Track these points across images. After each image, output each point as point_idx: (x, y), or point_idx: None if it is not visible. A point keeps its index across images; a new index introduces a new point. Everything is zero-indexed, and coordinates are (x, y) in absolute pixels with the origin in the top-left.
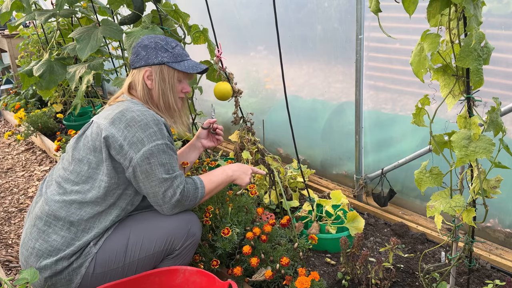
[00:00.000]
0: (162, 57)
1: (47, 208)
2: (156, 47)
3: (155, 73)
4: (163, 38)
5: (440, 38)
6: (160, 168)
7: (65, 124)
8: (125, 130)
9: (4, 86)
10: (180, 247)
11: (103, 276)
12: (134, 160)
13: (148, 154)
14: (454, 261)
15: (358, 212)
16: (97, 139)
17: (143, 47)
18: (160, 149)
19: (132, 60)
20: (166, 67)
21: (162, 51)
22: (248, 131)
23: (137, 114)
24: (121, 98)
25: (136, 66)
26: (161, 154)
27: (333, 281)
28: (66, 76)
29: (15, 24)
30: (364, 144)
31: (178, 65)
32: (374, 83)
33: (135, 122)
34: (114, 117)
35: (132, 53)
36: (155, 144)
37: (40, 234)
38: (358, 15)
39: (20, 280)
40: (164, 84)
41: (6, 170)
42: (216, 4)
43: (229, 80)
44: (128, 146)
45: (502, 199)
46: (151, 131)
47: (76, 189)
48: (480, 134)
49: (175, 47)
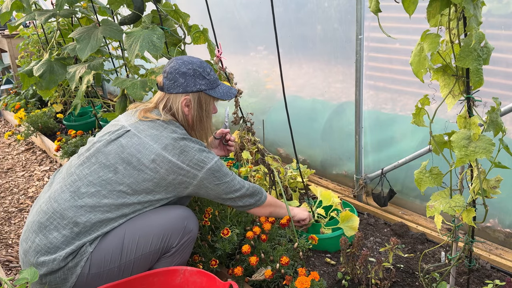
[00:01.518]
0: (200, 85)
1: (55, 205)
2: (195, 74)
3: (193, 101)
4: (199, 64)
5: (440, 38)
6: (224, 176)
7: (65, 124)
8: (181, 155)
9: (4, 86)
10: (177, 244)
11: (99, 276)
12: (200, 176)
13: (213, 170)
14: (454, 261)
15: (358, 212)
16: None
17: (181, 74)
18: (219, 164)
19: (168, 85)
20: (203, 95)
21: (200, 79)
22: (248, 131)
23: (189, 142)
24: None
25: (173, 92)
26: (221, 168)
27: (333, 281)
28: (66, 76)
29: (15, 24)
30: (364, 144)
31: (214, 92)
32: (374, 83)
33: (189, 148)
34: (167, 143)
35: (168, 78)
36: (214, 162)
37: (42, 229)
38: (358, 15)
39: (20, 280)
40: (201, 111)
41: (6, 170)
42: (216, 4)
43: (229, 80)
44: (189, 167)
45: (502, 199)
46: (205, 153)
47: (91, 191)
48: (480, 134)
49: (210, 73)
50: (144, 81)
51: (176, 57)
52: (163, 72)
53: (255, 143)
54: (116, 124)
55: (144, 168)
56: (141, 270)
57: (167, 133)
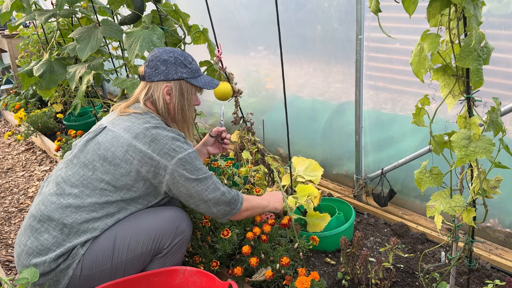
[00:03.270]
0: (181, 73)
1: (42, 208)
2: (176, 62)
3: (174, 88)
4: (181, 53)
5: (440, 38)
6: (197, 171)
7: (65, 124)
8: (152, 144)
9: (4, 86)
10: (168, 245)
11: (91, 277)
12: (170, 167)
13: (183, 161)
14: (454, 261)
15: (358, 212)
16: (115, 151)
17: (162, 61)
18: (192, 156)
19: (149, 73)
20: (185, 83)
21: (181, 67)
22: (248, 131)
23: (162, 130)
24: (136, 109)
25: (154, 80)
26: (194, 161)
27: (333, 281)
28: (66, 76)
29: (15, 24)
30: (364, 144)
31: (196, 81)
32: (374, 83)
33: (161, 137)
34: (138, 132)
35: (149, 66)
36: (187, 153)
37: (33, 232)
38: (358, 15)
39: (20, 280)
40: (183, 99)
41: (6, 170)
42: (216, 4)
43: (229, 80)
44: (160, 156)
45: (502, 199)
46: (179, 143)
47: (75, 192)
48: (480, 134)
49: (191, 62)
50: None
51: (158, 47)
52: (144, 62)
53: (255, 143)
54: (98, 123)
55: (119, 161)
56: (134, 271)
57: (140, 123)
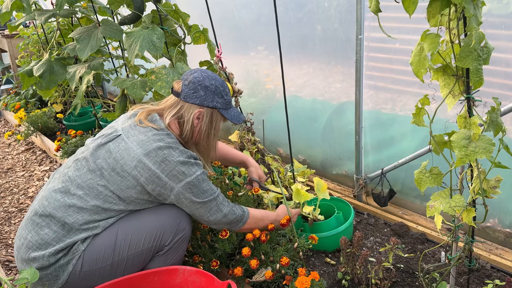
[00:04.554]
0: (217, 102)
1: (46, 204)
2: (216, 91)
3: (206, 115)
4: (221, 82)
5: (440, 38)
6: (203, 194)
7: (65, 124)
8: (162, 164)
9: (4, 86)
10: (169, 242)
11: (91, 274)
12: (176, 189)
13: (191, 185)
14: (454, 261)
15: (358, 212)
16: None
17: (203, 87)
18: (200, 179)
19: (187, 93)
20: (217, 112)
21: (219, 97)
22: (248, 131)
23: (174, 151)
24: (156, 125)
25: (189, 101)
26: (201, 184)
27: (333, 281)
28: (66, 76)
29: (15, 24)
30: (364, 144)
31: (226, 113)
32: (374, 83)
33: (172, 158)
34: (150, 150)
35: (188, 87)
36: (196, 176)
37: (34, 226)
38: (358, 15)
39: (20, 280)
40: (210, 127)
41: (6, 170)
42: (216, 4)
43: (229, 80)
44: (168, 178)
45: (502, 199)
46: (189, 166)
47: (80, 193)
48: (480, 134)
49: (227, 94)
50: (144, 81)
51: (201, 69)
52: (183, 79)
53: (255, 143)
54: (112, 126)
55: (126, 175)
56: (135, 269)
57: (155, 139)
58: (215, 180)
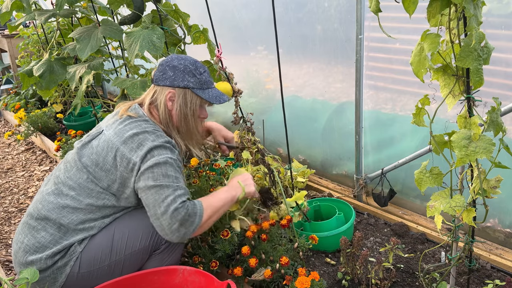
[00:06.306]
0: (188, 82)
1: (40, 207)
2: (185, 70)
3: (177, 96)
4: (193, 62)
5: (440, 38)
6: (164, 178)
7: (65, 124)
8: (137, 150)
9: (4, 86)
10: (166, 241)
11: (89, 275)
12: (142, 169)
13: (155, 165)
14: (454, 261)
15: (358, 212)
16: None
17: (171, 67)
18: (168, 162)
19: (157, 76)
20: (190, 92)
21: (190, 76)
22: (248, 131)
23: (150, 135)
24: (134, 113)
25: (160, 84)
26: (168, 167)
27: (333, 281)
28: (66, 76)
29: (15, 24)
30: (364, 144)
31: (203, 93)
32: (374, 83)
33: (147, 141)
34: (126, 137)
35: (158, 69)
36: (164, 157)
37: (30, 229)
38: (358, 15)
39: (20, 280)
40: (185, 108)
41: (6, 170)
42: (216, 4)
43: (229, 80)
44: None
45: (502, 199)
46: (164, 148)
47: (72, 194)
48: (480, 134)
49: (202, 73)
50: (144, 81)
51: (174, 54)
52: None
53: (255, 143)
54: (98, 125)
55: (109, 167)
56: (132, 268)
57: (131, 127)
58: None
